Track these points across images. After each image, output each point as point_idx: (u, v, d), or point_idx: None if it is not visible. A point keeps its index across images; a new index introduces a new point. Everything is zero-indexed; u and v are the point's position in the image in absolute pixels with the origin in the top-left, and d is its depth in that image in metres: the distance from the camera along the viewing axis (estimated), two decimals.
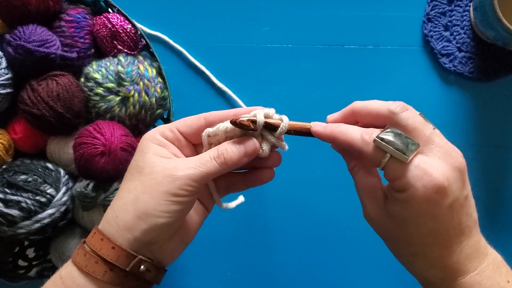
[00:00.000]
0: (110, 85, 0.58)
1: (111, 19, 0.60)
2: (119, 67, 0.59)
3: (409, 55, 0.70)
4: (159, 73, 0.62)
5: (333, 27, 0.71)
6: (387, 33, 0.70)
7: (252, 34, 0.71)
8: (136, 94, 0.59)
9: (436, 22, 0.70)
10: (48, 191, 0.56)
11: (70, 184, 0.59)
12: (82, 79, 0.60)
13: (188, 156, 0.43)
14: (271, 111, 0.42)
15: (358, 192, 0.43)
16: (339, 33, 0.71)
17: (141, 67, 0.60)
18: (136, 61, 0.60)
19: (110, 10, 0.64)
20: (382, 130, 0.38)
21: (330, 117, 0.43)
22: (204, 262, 0.70)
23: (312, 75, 0.70)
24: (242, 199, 0.51)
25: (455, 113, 0.69)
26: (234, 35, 0.71)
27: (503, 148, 0.69)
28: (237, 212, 0.56)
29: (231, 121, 0.40)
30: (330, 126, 0.41)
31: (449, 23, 0.70)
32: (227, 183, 0.46)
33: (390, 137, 0.36)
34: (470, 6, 0.69)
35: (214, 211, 0.47)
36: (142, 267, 0.39)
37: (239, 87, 0.70)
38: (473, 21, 0.68)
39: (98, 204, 0.57)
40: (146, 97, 0.60)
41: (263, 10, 0.71)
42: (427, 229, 0.37)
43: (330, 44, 0.71)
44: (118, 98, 0.59)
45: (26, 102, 0.56)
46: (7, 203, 0.54)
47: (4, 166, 0.58)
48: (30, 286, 0.64)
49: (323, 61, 0.70)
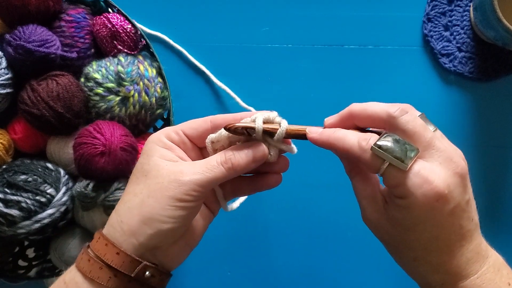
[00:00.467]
0: (110, 85, 0.58)
1: (111, 19, 0.60)
2: (119, 67, 0.59)
3: (409, 55, 0.70)
4: (159, 73, 0.62)
5: (333, 27, 0.71)
6: (387, 33, 0.70)
7: (252, 34, 0.71)
8: (136, 94, 0.59)
9: (436, 22, 0.70)
10: (48, 191, 0.56)
11: (70, 184, 0.59)
12: (82, 79, 0.60)
13: (194, 159, 0.42)
14: (272, 115, 0.41)
15: (357, 196, 0.42)
16: (339, 33, 0.71)
17: (141, 67, 0.60)
18: (136, 61, 0.60)
19: (110, 10, 0.63)
20: (380, 136, 0.36)
21: (328, 121, 0.42)
22: (204, 262, 0.70)
23: (312, 75, 0.70)
24: (243, 198, 0.51)
25: (455, 113, 0.69)
26: (234, 35, 0.71)
27: (503, 148, 0.69)
28: (238, 212, 0.56)
29: (225, 127, 0.39)
30: (326, 132, 0.39)
31: (449, 23, 0.70)
32: (233, 187, 0.45)
33: (388, 144, 0.35)
34: (470, 6, 0.69)
35: (220, 211, 0.47)
36: (147, 273, 0.38)
37: (239, 87, 0.70)
38: (473, 21, 0.68)
39: (98, 204, 0.57)
40: (146, 97, 0.60)
41: (263, 10, 0.71)
42: (428, 235, 0.37)
43: (330, 44, 0.71)
44: (118, 98, 0.59)
45: (26, 102, 0.56)
46: (7, 203, 0.54)
47: (4, 166, 0.58)
48: (30, 286, 0.64)
49: (323, 61, 0.70)
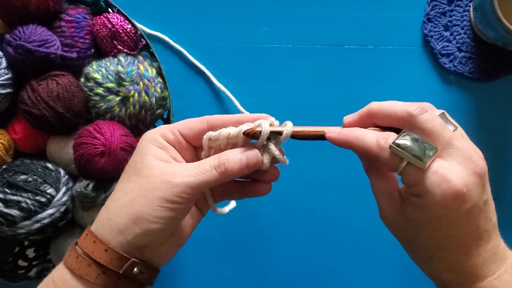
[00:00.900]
0: (110, 85, 0.58)
1: (111, 19, 0.60)
2: (119, 67, 0.59)
3: (409, 55, 0.70)
4: (159, 73, 0.62)
5: (333, 27, 0.71)
6: (387, 33, 0.70)
7: (252, 34, 0.71)
8: (136, 94, 0.59)
9: (436, 22, 0.70)
10: (48, 191, 0.56)
11: (70, 184, 0.59)
12: (82, 79, 0.60)
13: (188, 160, 0.42)
14: (273, 120, 0.41)
15: (374, 193, 0.42)
16: (339, 33, 0.71)
17: (141, 67, 0.60)
18: (136, 61, 0.60)
19: (110, 10, 0.64)
20: (399, 135, 0.37)
21: (346, 119, 0.42)
22: (204, 262, 0.70)
23: (312, 75, 0.70)
24: (234, 204, 0.51)
25: (455, 113, 0.68)
26: (234, 35, 0.71)
27: (503, 148, 0.69)
28: (237, 212, 0.56)
29: (244, 132, 0.39)
30: (345, 132, 0.39)
31: (449, 23, 0.70)
32: (223, 190, 0.45)
33: (407, 143, 0.35)
34: (470, 6, 0.69)
35: (209, 211, 0.47)
36: (136, 270, 0.38)
37: (239, 87, 0.70)
38: (473, 21, 0.68)
39: (98, 204, 0.57)
40: (146, 97, 0.60)
41: (263, 10, 0.71)
42: (445, 234, 0.37)
43: (330, 44, 0.71)
44: (118, 98, 0.59)
45: (26, 102, 0.56)
46: (7, 203, 0.54)
47: (4, 166, 0.58)
48: (30, 286, 0.64)
49: (323, 61, 0.70)
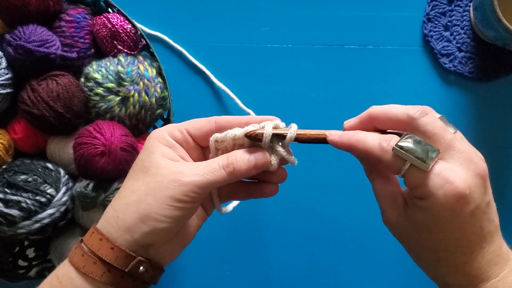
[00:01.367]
0: (110, 85, 0.58)
1: (111, 19, 0.60)
2: (119, 67, 0.59)
3: (409, 55, 0.70)
4: (159, 73, 0.62)
5: (333, 27, 0.71)
6: (387, 33, 0.70)
7: (252, 34, 0.71)
8: (136, 94, 0.59)
9: (436, 22, 0.70)
10: (48, 191, 0.56)
11: (70, 184, 0.59)
12: (82, 79, 0.60)
13: (195, 159, 0.42)
14: (281, 124, 0.41)
15: (377, 198, 0.42)
16: (339, 33, 0.71)
17: (141, 67, 0.60)
18: (136, 61, 0.60)
19: (110, 10, 0.64)
20: (401, 137, 0.37)
21: (347, 123, 0.42)
22: (204, 262, 0.70)
23: (312, 75, 0.70)
24: (237, 202, 0.51)
25: (455, 113, 0.69)
26: (234, 35, 0.71)
27: (503, 148, 0.69)
28: (238, 212, 0.56)
29: (246, 135, 0.39)
30: (347, 135, 0.39)
31: (449, 23, 0.70)
32: (229, 191, 0.45)
33: (410, 145, 0.35)
34: (470, 6, 0.69)
35: (214, 211, 0.47)
36: (141, 268, 0.38)
37: (239, 87, 0.70)
38: (473, 21, 0.68)
39: (98, 204, 0.57)
40: (146, 97, 0.60)
41: (263, 10, 0.71)
42: (449, 236, 0.37)
43: (330, 44, 0.71)
44: (118, 98, 0.59)
45: (26, 102, 0.56)
46: (7, 203, 0.54)
47: (4, 166, 0.58)
48: (30, 286, 0.64)
49: (323, 61, 0.70)
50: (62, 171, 0.59)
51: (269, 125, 0.40)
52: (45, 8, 0.58)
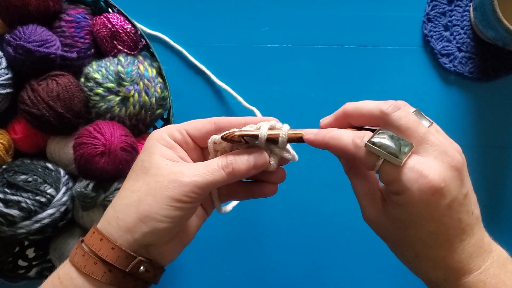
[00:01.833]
0: (110, 85, 0.58)
1: (111, 19, 0.60)
2: (119, 67, 0.59)
3: (409, 55, 0.70)
4: (159, 73, 0.62)
5: (333, 27, 0.71)
6: (387, 33, 0.70)
7: (252, 34, 0.71)
8: (136, 94, 0.59)
9: (436, 22, 0.70)
10: (48, 191, 0.56)
11: (70, 184, 0.59)
12: (82, 79, 0.60)
13: (195, 160, 0.42)
14: (277, 124, 0.41)
15: (356, 195, 0.42)
16: (339, 33, 0.71)
17: (141, 67, 0.60)
18: (136, 61, 0.60)
19: (110, 10, 0.64)
20: (374, 133, 0.37)
21: (323, 121, 0.42)
22: (204, 262, 0.70)
23: (312, 75, 0.70)
24: (236, 202, 0.51)
25: (455, 113, 0.69)
26: (234, 35, 0.71)
27: (503, 148, 0.69)
28: (237, 212, 0.56)
29: (222, 137, 0.39)
30: (322, 133, 0.39)
31: (449, 23, 0.70)
32: (229, 191, 0.45)
33: (382, 140, 0.36)
34: (470, 6, 0.69)
35: (214, 211, 0.47)
36: (142, 268, 0.38)
37: (239, 87, 0.70)
38: (473, 21, 0.68)
39: (98, 204, 0.57)
40: (146, 97, 0.60)
41: (263, 10, 0.71)
42: (427, 231, 0.37)
43: (330, 44, 0.71)
44: (118, 98, 0.59)
45: (26, 102, 0.56)
46: (7, 203, 0.54)
47: (4, 166, 0.58)
48: (30, 286, 0.64)
49: (323, 61, 0.70)
50: (62, 171, 0.59)
51: (265, 127, 0.40)
52: (45, 8, 0.58)
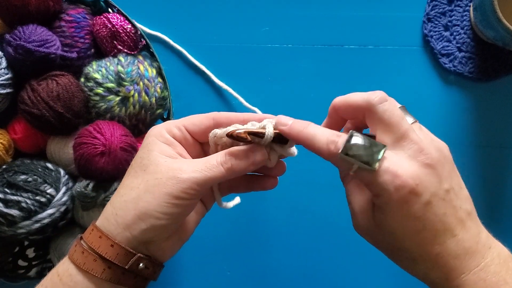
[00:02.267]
0: (110, 85, 0.58)
1: (111, 19, 0.60)
2: (119, 67, 0.59)
3: (409, 55, 0.70)
4: (159, 73, 0.62)
5: (333, 27, 0.71)
6: (387, 33, 0.70)
7: (252, 34, 0.71)
8: (136, 94, 0.59)
9: (436, 22, 0.70)
10: (48, 191, 0.56)
11: (70, 184, 0.59)
12: (82, 79, 0.60)
13: (195, 156, 0.42)
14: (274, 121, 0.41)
15: (349, 202, 0.42)
16: (339, 33, 0.71)
17: (141, 67, 0.60)
18: (136, 61, 0.60)
19: (110, 10, 0.64)
20: (347, 138, 0.36)
21: (323, 125, 0.43)
22: (204, 262, 0.70)
23: (312, 75, 0.70)
24: (238, 200, 0.51)
25: (455, 113, 0.69)
26: (234, 35, 0.71)
27: (503, 148, 0.69)
28: (237, 212, 0.56)
29: (227, 134, 0.39)
30: (296, 126, 0.39)
31: (449, 23, 0.70)
32: (229, 184, 0.45)
33: (355, 150, 0.36)
34: (470, 6, 0.69)
35: (214, 211, 0.47)
36: (141, 265, 0.38)
37: (239, 87, 0.70)
38: (473, 21, 0.68)
39: (98, 204, 0.57)
40: (146, 97, 0.60)
41: (263, 10, 0.71)
42: (414, 229, 0.36)
43: (330, 44, 0.71)
44: (118, 98, 0.59)
45: (26, 102, 0.56)
46: (7, 203, 0.54)
47: (4, 166, 0.58)
48: (30, 286, 0.64)
49: (323, 61, 0.70)
50: (62, 171, 0.59)
51: (270, 126, 0.39)
52: (45, 8, 0.58)
